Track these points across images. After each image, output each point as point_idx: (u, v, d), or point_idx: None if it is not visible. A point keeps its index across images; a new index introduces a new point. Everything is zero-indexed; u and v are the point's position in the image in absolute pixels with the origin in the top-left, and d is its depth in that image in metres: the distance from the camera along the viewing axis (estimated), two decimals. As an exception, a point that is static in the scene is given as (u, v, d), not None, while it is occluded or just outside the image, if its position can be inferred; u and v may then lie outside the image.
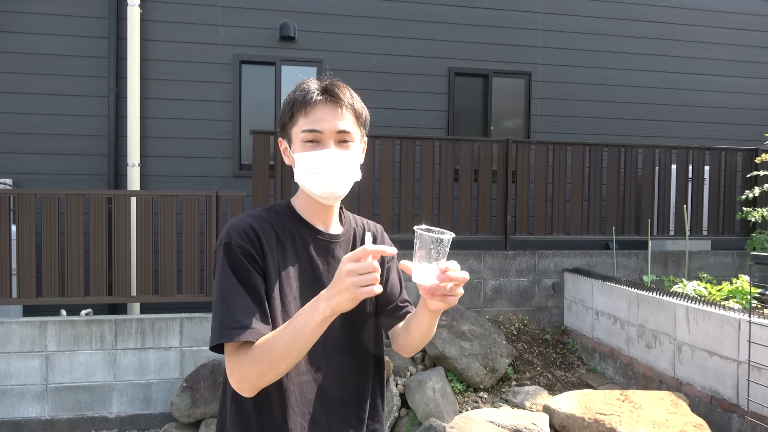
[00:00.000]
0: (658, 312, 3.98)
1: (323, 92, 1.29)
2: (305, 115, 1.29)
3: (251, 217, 1.31)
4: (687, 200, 5.70)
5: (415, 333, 1.38)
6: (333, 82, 1.32)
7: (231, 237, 1.24)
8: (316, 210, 1.37)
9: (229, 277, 1.20)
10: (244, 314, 1.17)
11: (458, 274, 1.15)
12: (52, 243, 4.38)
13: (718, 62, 7.15)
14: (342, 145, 1.30)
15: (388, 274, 1.50)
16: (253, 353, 1.16)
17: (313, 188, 1.32)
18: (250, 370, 1.16)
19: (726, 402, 3.34)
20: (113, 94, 5.71)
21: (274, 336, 1.16)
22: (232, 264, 1.21)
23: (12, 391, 4.26)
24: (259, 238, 1.26)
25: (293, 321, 1.15)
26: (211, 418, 4.23)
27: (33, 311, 4.92)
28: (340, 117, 1.29)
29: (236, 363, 1.17)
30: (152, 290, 4.55)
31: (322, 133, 1.28)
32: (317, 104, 1.28)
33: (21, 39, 5.62)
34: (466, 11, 6.55)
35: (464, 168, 5.32)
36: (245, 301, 1.18)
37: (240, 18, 6.05)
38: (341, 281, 1.08)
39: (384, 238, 1.53)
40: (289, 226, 1.34)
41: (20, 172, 5.59)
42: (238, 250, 1.22)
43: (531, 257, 5.39)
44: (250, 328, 1.16)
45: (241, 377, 1.17)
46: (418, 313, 1.35)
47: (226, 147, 6.05)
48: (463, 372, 4.30)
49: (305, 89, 1.30)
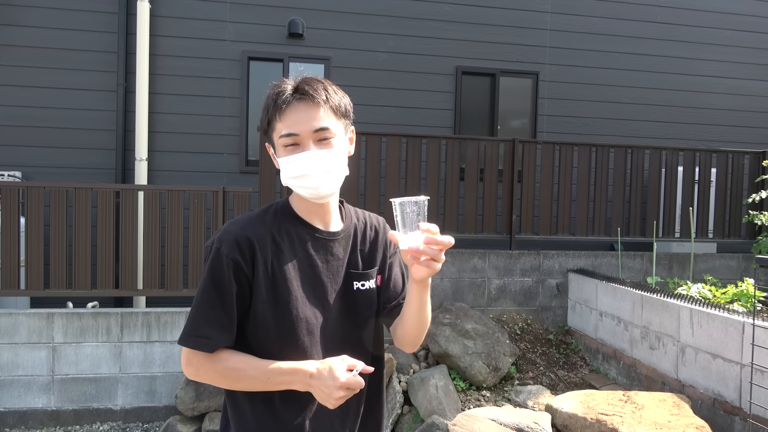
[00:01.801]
0: (662, 314, 3.98)
1: (295, 92, 1.27)
2: (280, 119, 1.28)
3: (247, 221, 1.33)
4: (693, 202, 5.68)
5: (408, 316, 1.38)
6: (305, 78, 1.30)
7: (222, 244, 1.28)
8: (312, 208, 1.37)
9: (209, 284, 1.27)
10: (210, 324, 1.26)
11: (442, 238, 1.20)
12: (60, 236, 4.43)
13: (727, 64, 7.12)
14: (322, 144, 1.28)
15: (390, 270, 1.48)
16: (216, 365, 1.28)
17: (300, 191, 1.33)
18: (209, 375, 1.29)
19: (728, 404, 3.35)
20: (122, 89, 5.75)
21: (245, 367, 1.27)
22: (214, 272, 1.27)
23: (19, 381, 4.31)
24: (252, 245, 1.29)
25: (271, 372, 1.26)
26: (215, 411, 4.26)
27: (40, 303, 4.97)
28: (316, 115, 1.27)
29: (195, 362, 1.28)
30: (158, 284, 4.58)
31: (299, 135, 1.27)
32: (290, 106, 1.27)
33: (31, 33, 5.67)
34: (474, 10, 6.55)
35: (470, 167, 5.33)
36: (214, 310, 1.26)
37: (248, 14, 6.07)
38: (330, 395, 1.22)
39: (387, 230, 1.51)
40: (286, 226, 1.35)
41: (29, 165, 5.63)
42: (224, 260, 1.26)
43: (535, 257, 5.39)
44: (208, 339, 1.26)
45: (197, 374, 1.29)
46: (409, 294, 1.36)
47: (233, 143, 6.08)
48: (466, 370, 4.31)
49: (277, 92, 1.29)
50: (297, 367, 1.26)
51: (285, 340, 1.29)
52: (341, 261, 1.39)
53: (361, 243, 1.44)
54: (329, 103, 1.29)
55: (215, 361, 1.27)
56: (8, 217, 4.35)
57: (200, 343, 1.26)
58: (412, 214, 1.21)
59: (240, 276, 1.27)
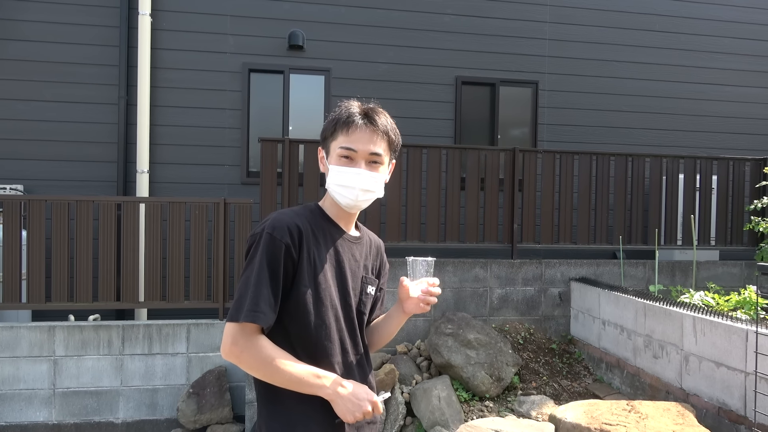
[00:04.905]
0: (665, 322, 3.96)
1: (364, 116, 1.48)
2: (345, 133, 1.47)
3: (294, 214, 1.47)
4: (695, 210, 5.67)
5: (381, 333, 1.69)
6: (374, 108, 1.51)
7: (274, 229, 1.40)
8: (341, 214, 1.56)
9: (263, 265, 1.37)
10: (265, 302, 1.35)
11: (435, 290, 1.55)
12: (62, 248, 4.43)
13: (727, 72, 7.14)
14: (372, 166, 1.49)
15: (380, 290, 1.69)
16: (260, 351, 1.35)
17: (340, 198, 1.50)
18: (249, 360, 1.35)
19: (733, 413, 3.32)
20: (123, 102, 5.78)
21: (285, 361, 1.36)
22: (268, 253, 1.38)
23: (20, 395, 4.30)
24: (300, 233, 1.43)
25: (307, 372, 1.37)
26: (216, 424, 4.24)
27: (41, 316, 4.96)
28: (375, 141, 1.48)
29: (242, 342, 1.35)
30: (160, 296, 4.58)
31: (357, 152, 1.47)
32: (358, 126, 1.46)
33: (33, 47, 5.71)
34: (474, 20, 6.59)
35: (471, 176, 5.33)
36: (267, 289, 1.36)
37: (249, 27, 6.11)
38: (360, 407, 1.38)
39: (384, 253, 1.73)
40: (322, 224, 1.52)
41: (31, 178, 5.65)
42: (277, 243, 1.38)
43: (537, 266, 5.38)
44: (264, 314, 1.35)
45: (240, 356, 1.35)
46: (391, 314, 1.66)
47: (234, 154, 6.10)
48: (468, 380, 4.29)
49: (349, 111, 1.49)
50: (333, 375, 1.41)
51: (320, 325, 1.43)
52: (359, 263, 1.57)
53: (370, 254, 1.65)
54: (387, 136, 1.51)
55: (260, 347, 1.35)
56: (10, 231, 4.36)
57: (258, 317, 1.33)
58: (421, 269, 1.56)
59: (288, 260, 1.40)
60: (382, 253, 1.70)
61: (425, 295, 1.54)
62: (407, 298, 1.56)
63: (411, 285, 1.55)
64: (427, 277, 1.56)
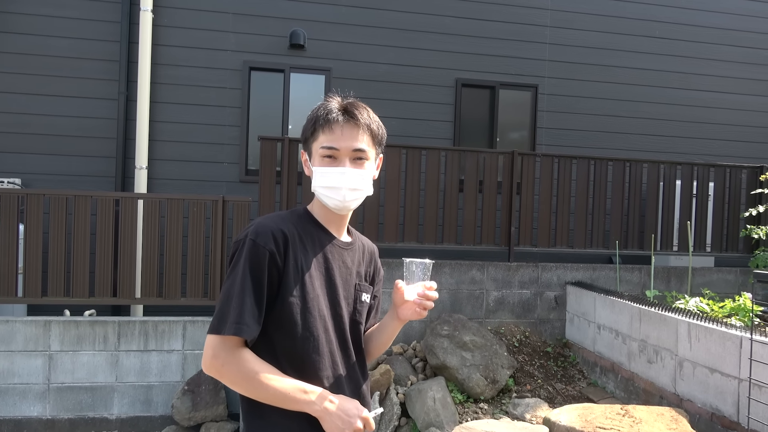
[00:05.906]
0: (660, 327, 3.98)
1: (344, 112, 1.41)
2: (325, 132, 1.40)
3: (279, 219, 1.41)
4: (691, 216, 5.70)
5: (377, 342, 1.61)
6: (353, 102, 1.44)
7: (258, 235, 1.33)
8: (331, 218, 1.49)
9: (246, 273, 1.30)
10: (249, 313, 1.28)
11: (432, 293, 1.45)
12: (59, 243, 4.42)
13: (725, 79, 7.17)
14: (356, 163, 1.42)
15: (375, 297, 1.62)
16: (242, 365, 1.28)
17: (327, 201, 1.44)
18: (231, 374, 1.28)
19: (726, 419, 3.34)
20: (123, 97, 5.77)
21: (269, 375, 1.29)
22: (252, 261, 1.31)
23: (14, 389, 4.29)
24: (286, 239, 1.36)
25: (293, 387, 1.30)
26: (211, 422, 4.24)
27: (37, 310, 4.95)
28: (358, 137, 1.41)
29: (223, 355, 1.28)
30: (156, 293, 4.58)
31: (339, 151, 1.39)
32: (338, 123, 1.39)
33: (33, 41, 5.70)
34: (474, 23, 6.60)
35: (469, 179, 5.35)
36: (251, 300, 1.29)
37: (250, 25, 6.12)
38: (351, 424, 1.29)
39: (378, 259, 1.66)
40: (310, 229, 1.45)
41: (29, 173, 5.64)
42: (260, 250, 1.31)
43: (534, 269, 5.40)
44: (248, 326, 1.27)
45: (221, 370, 1.28)
46: (385, 322, 1.59)
47: (233, 152, 6.09)
48: (463, 382, 4.30)
49: (328, 108, 1.41)
50: (320, 389, 1.33)
51: (307, 337, 1.36)
52: (350, 270, 1.50)
53: (363, 260, 1.57)
54: (369, 129, 1.43)
55: (243, 360, 1.29)
56: (7, 224, 4.35)
57: (241, 329, 1.26)
58: (418, 271, 1.46)
59: (272, 268, 1.33)
60: (375, 258, 1.63)
61: (421, 299, 1.44)
62: (402, 302, 1.48)
63: (407, 288, 1.46)
64: (424, 281, 1.46)
